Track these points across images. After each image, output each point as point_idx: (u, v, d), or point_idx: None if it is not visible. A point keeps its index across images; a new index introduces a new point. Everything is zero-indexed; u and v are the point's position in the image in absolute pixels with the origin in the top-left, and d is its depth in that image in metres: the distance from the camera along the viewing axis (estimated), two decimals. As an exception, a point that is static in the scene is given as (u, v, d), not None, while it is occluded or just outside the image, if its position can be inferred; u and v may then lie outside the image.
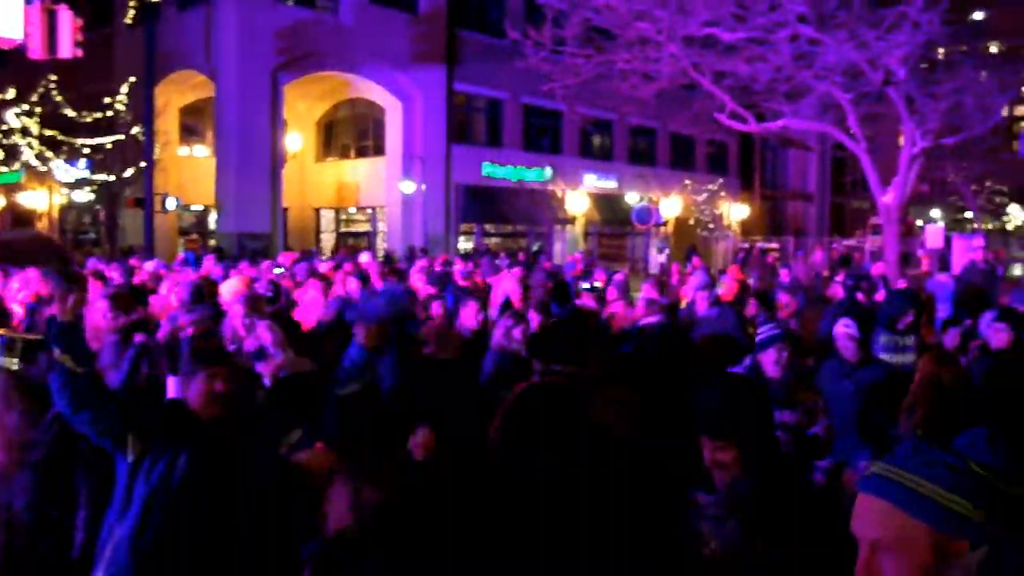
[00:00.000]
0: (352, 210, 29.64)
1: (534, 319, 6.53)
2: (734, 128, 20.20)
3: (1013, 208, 51.61)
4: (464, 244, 28.83)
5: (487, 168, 28.51)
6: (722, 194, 36.19)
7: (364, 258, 14.45)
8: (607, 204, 32.01)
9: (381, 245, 27.40)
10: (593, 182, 31.90)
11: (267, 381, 4.81)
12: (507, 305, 7.52)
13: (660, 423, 3.76)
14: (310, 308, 7.51)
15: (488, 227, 30.07)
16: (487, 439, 3.82)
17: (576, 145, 31.68)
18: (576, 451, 3.49)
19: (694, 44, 16.82)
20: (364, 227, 29.39)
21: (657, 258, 25.10)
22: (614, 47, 17.42)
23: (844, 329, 5.33)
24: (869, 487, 1.65)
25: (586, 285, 10.89)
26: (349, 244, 27.44)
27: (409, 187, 26.25)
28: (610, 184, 32.65)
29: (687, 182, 34.44)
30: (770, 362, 4.91)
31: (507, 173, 29.01)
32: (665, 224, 32.34)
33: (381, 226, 28.45)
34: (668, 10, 15.39)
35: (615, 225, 32.71)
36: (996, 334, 5.71)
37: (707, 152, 38.02)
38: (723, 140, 36.94)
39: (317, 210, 29.65)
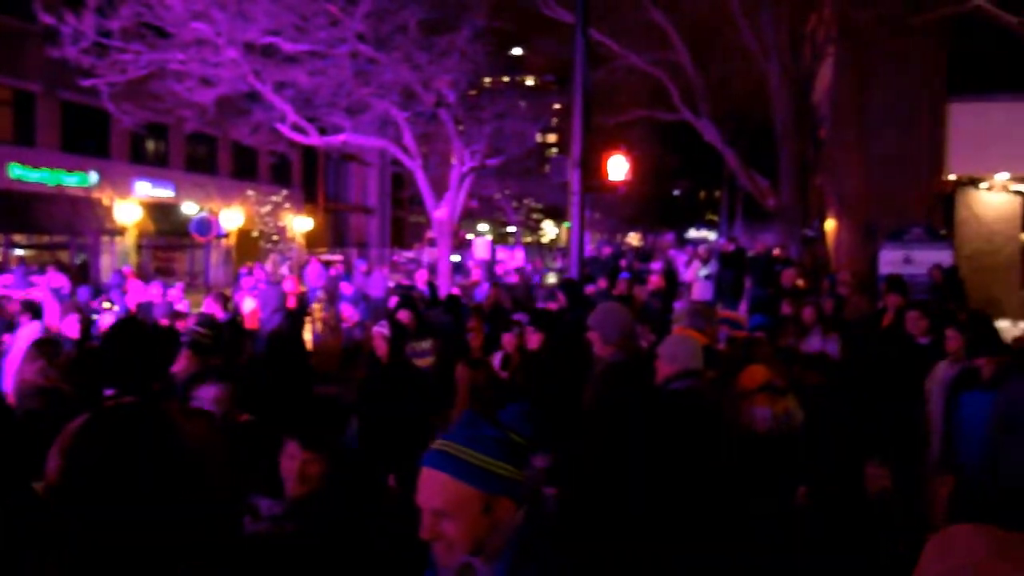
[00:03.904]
0: None
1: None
2: (296, 140, 20.10)
3: (547, 224, 59.01)
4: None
5: (15, 170, 24.98)
6: (286, 206, 35.92)
7: None
8: (163, 214, 29.94)
9: None
10: (147, 190, 29.61)
11: None
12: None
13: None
14: None
15: (17, 237, 26.35)
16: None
17: (126, 150, 29.15)
18: (152, 478, 3.07)
19: (255, 51, 16.40)
20: None
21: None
22: (169, 46, 16.31)
23: (379, 329, 5.90)
24: (430, 462, 1.89)
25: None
26: None
27: (-88, 189, 22.04)
28: (166, 193, 30.61)
29: (250, 193, 33.61)
30: None
31: (42, 177, 25.71)
32: (227, 236, 31.18)
33: None
34: (227, 13, 14.78)
35: (172, 237, 30.73)
36: (531, 336, 6.39)
37: (270, 163, 37.46)
38: (286, 152, 36.67)
39: None
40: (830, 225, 19.40)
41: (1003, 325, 5.04)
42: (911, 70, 16.90)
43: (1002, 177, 17.50)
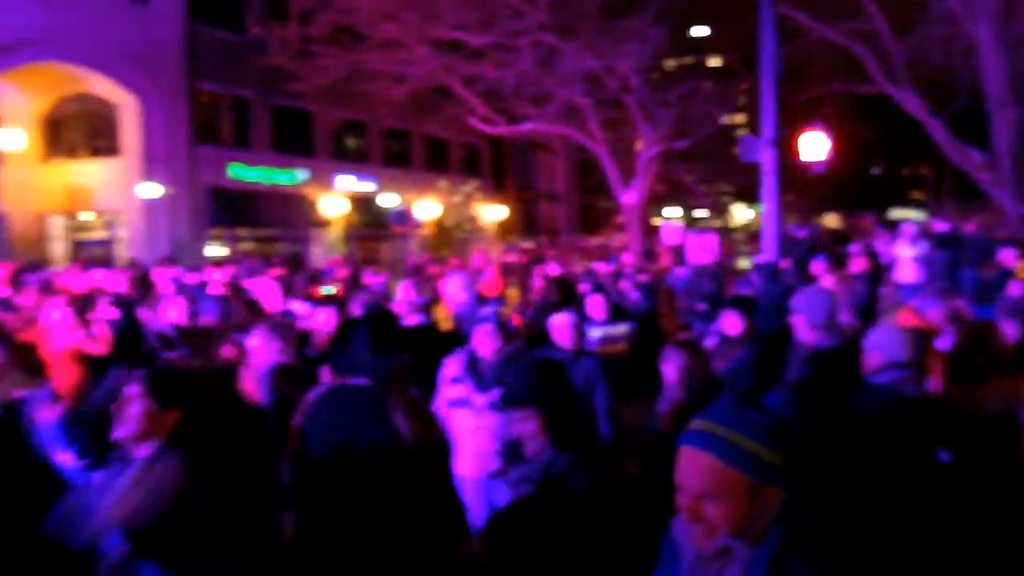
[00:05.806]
0: (88, 216, 27.22)
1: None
2: (485, 131, 20.71)
3: (737, 207, 57.30)
4: (216, 250, 27.38)
5: (235, 170, 27.27)
6: (477, 196, 36.97)
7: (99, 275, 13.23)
8: (364, 206, 31.72)
9: (124, 254, 25.38)
10: (351, 184, 31.46)
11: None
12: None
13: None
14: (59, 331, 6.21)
15: (240, 232, 28.77)
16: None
17: (329, 147, 31.08)
18: (381, 457, 3.27)
19: (443, 48, 17.06)
20: (102, 234, 27.09)
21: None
22: (364, 48, 17.27)
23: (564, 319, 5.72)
24: (694, 441, 1.84)
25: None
26: (85, 254, 25.13)
27: (150, 191, 24.53)
28: (367, 186, 32.38)
29: (442, 184, 34.84)
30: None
31: (258, 175, 27.92)
32: (422, 226, 32.57)
33: (122, 233, 26.36)
34: (415, 13, 15.46)
35: (372, 228, 32.46)
36: (731, 322, 6.12)
37: (460, 155, 38.67)
38: (475, 143, 37.73)
39: (43, 216, 26.95)
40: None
41: None
42: None
43: None
